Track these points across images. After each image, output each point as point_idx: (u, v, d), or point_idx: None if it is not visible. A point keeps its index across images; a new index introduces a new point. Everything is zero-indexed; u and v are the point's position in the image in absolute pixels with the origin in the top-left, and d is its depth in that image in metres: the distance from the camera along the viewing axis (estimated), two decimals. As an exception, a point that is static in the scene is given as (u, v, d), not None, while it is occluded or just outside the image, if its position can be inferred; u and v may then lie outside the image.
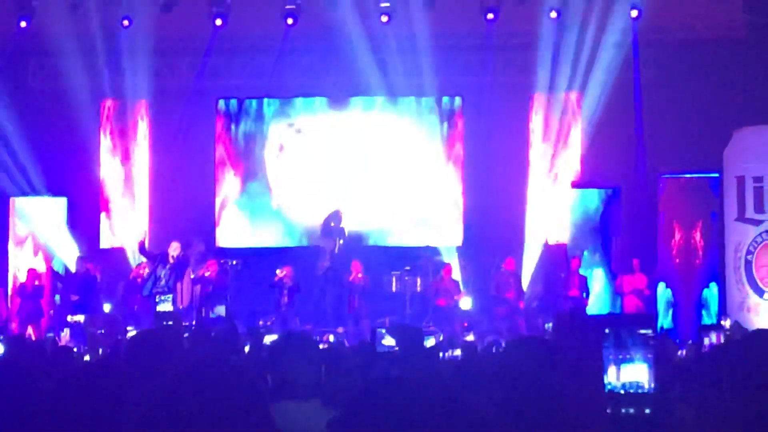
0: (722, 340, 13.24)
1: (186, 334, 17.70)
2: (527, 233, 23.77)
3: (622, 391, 3.96)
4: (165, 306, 21.01)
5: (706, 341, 12.78)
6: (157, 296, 21.40)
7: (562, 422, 3.55)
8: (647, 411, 3.82)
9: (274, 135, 25.24)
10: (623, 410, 3.86)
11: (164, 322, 17.09)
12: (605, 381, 3.94)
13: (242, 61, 25.12)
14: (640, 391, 3.98)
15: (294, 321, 21.85)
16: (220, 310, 21.07)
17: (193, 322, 21.49)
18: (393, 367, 6.08)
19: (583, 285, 21.78)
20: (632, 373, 4.01)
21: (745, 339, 4.36)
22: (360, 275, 22.61)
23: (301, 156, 25.14)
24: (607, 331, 3.86)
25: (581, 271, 21.91)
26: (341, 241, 23.51)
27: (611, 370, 3.96)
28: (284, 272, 22.43)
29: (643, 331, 3.93)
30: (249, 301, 23.13)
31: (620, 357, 3.99)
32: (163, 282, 21.73)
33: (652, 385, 3.92)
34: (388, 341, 6.89)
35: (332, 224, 23.70)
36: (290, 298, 22.32)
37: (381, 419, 3.59)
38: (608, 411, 3.81)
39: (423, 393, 3.76)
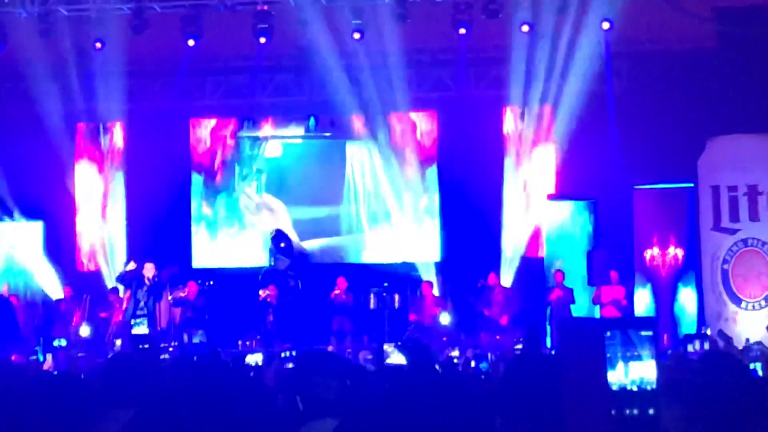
0: (706, 349, 13.31)
1: (164, 356, 17.75)
2: (504, 247, 23.80)
3: (635, 388, 3.98)
4: (140, 329, 20.98)
5: (690, 348, 12.86)
6: (133, 319, 21.36)
7: (566, 425, 3.55)
8: (651, 412, 3.83)
9: (249, 154, 25.23)
10: (627, 412, 3.87)
11: (140, 346, 17.03)
12: (613, 379, 3.95)
13: (216, 81, 25.13)
14: (648, 387, 3.99)
15: (278, 341, 21.77)
16: (201, 335, 21.05)
17: (173, 345, 21.49)
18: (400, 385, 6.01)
19: (569, 297, 21.78)
20: (640, 370, 4.02)
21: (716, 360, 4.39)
22: (338, 291, 22.56)
23: (276, 175, 25.14)
24: (608, 333, 3.87)
25: (566, 284, 21.92)
26: (288, 261, 23.48)
27: (619, 367, 3.98)
28: (267, 292, 22.39)
29: (644, 333, 3.95)
30: (227, 322, 23.08)
31: (628, 354, 4.01)
32: (142, 304, 21.66)
33: (656, 385, 3.93)
34: (397, 359, 6.83)
35: (281, 245, 23.58)
36: (275, 318, 22.26)
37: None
38: (612, 413, 3.83)
39: (410, 411, 3.78)
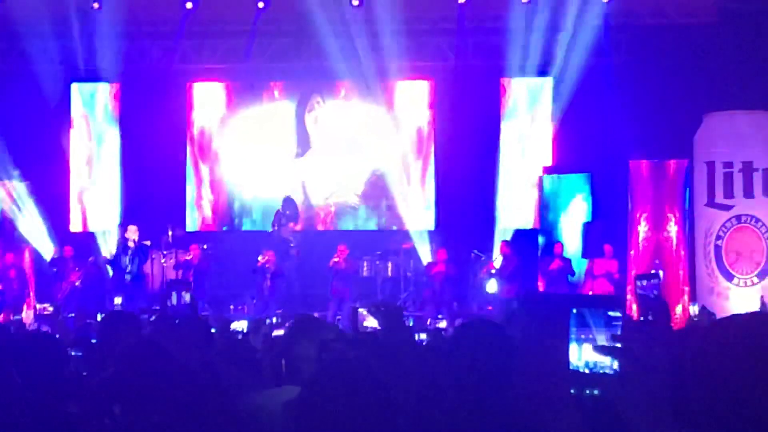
0: (657, 290, 13.36)
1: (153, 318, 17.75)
2: (498, 218, 23.79)
3: (586, 370, 3.94)
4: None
5: (638, 284, 12.95)
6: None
7: (525, 403, 3.53)
8: (612, 393, 3.79)
9: (245, 120, 25.19)
10: (588, 391, 3.84)
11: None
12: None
13: (214, 44, 24.98)
14: (603, 371, 3.96)
15: (274, 306, 21.80)
16: (186, 296, 21.02)
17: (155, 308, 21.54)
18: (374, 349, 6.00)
19: (568, 268, 21.75)
20: (594, 354, 3.97)
21: (716, 324, 4.28)
22: (337, 259, 22.55)
23: (271, 141, 25.09)
24: (574, 311, 3.83)
25: (564, 255, 21.89)
26: (297, 227, 23.60)
27: (572, 349, 3.93)
28: (266, 258, 22.36)
29: (611, 313, 3.90)
30: (222, 285, 23.14)
31: (582, 337, 3.96)
32: (129, 268, 21.54)
33: (615, 367, 3.89)
34: (370, 322, 6.79)
35: (287, 212, 23.68)
36: (273, 283, 22.24)
37: (335, 400, 3.59)
38: (572, 392, 3.79)
39: (377, 375, 3.76)
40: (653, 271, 19.65)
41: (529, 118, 24.12)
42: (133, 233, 21.62)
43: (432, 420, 4.11)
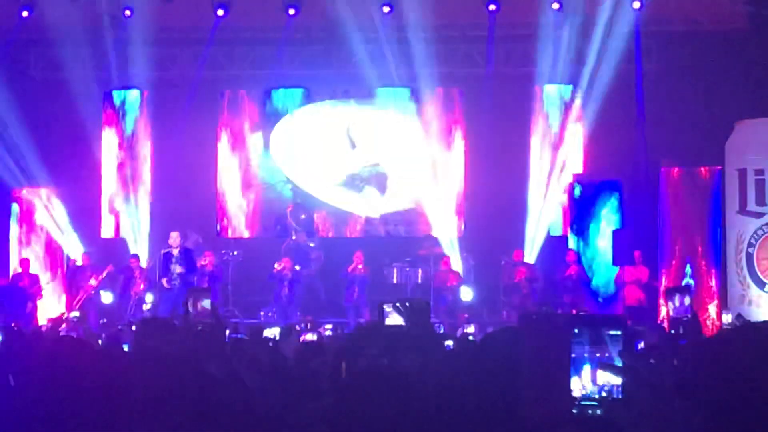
0: (687, 302, 13.24)
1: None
2: (528, 225, 23.72)
3: (598, 395, 3.89)
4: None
5: (670, 305, 12.82)
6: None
7: (527, 422, 3.50)
8: (615, 413, 3.75)
9: (277, 126, 25.23)
10: (590, 411, 3.80)
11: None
12: (578, 385, 3.86)
13: (244, 51, 25.08)
14: (614, 396, 3.91)
15: (295, 313, 21.82)
16: (205, 303, 21.00)
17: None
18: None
19: (583, 274, 21.70)
20: (608, 377, 3.93)
21: (737, 333, 4.22)
22: (360, 266, 22.58)
23: (302, 147, 25.13)
24: (576, 330, 3.80)
25: (581, 263, 21.84)
26: (308, 233, 23.72)
27: (585, 372, 3.90)
28: (282, 264, 22.40)
29: (612, 332, 3.86)
30: (251, 292, 23.19)
31: (597, 356, 3.93)
32: (175, 274, 21.55)
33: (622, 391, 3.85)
34: (395, 319, 6.78)
35: (302, 216, 23.81)
36: (291, 290, 22.27)
37: (364, 408, 3.59)
38: (574, 411, 3.76)
39: (404, 385, 3.76)
40: (684, 283, 19.57)
41: (559, 125, 24.02)
42: (174, 240, 21.65)
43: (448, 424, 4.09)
